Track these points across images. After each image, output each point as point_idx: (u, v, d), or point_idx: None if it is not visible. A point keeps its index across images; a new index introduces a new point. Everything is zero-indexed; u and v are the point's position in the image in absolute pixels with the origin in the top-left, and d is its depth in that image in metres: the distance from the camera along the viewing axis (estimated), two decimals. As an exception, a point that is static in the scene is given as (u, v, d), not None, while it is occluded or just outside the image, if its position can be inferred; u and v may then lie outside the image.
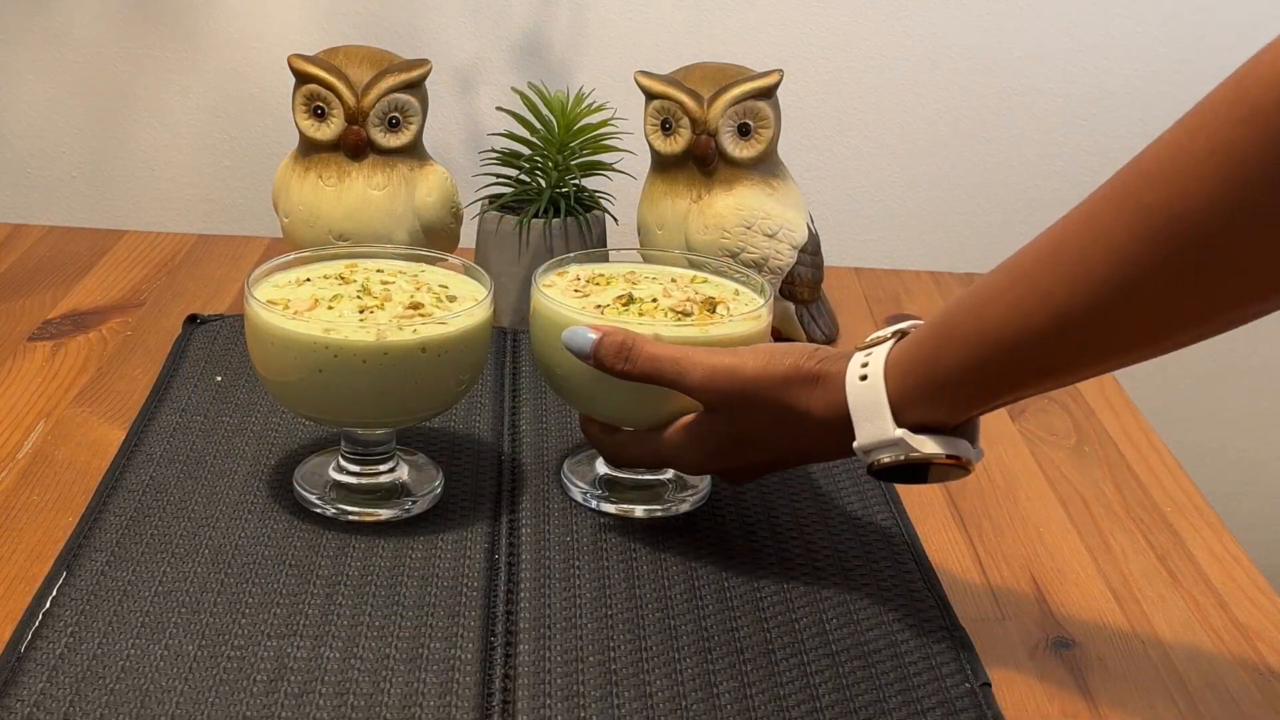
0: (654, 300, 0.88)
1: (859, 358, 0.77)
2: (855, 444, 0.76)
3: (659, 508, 0.89)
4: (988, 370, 0.72)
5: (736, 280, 0.93)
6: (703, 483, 0.92)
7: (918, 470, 0.76)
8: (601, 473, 0.92)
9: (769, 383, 0.78)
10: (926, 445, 0.75)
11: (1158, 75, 1.52)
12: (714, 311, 0.87)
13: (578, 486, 0.91)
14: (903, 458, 0.75)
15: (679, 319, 0.86)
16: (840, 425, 0.77)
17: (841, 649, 0.76)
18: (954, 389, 0.73)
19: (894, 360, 0.75)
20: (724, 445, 0.82)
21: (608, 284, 0.91)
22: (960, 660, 0.76)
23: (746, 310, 0.88)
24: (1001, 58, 1.50)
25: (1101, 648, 0.80)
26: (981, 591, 0.84)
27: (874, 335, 0.78)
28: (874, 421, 0.75)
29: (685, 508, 0.90)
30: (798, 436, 0.79)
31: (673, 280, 0.92)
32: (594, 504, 0.89)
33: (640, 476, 0.91)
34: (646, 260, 0.97)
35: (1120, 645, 0.80)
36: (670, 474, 0.92)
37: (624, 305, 0.87)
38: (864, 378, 0.75)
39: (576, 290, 0.89)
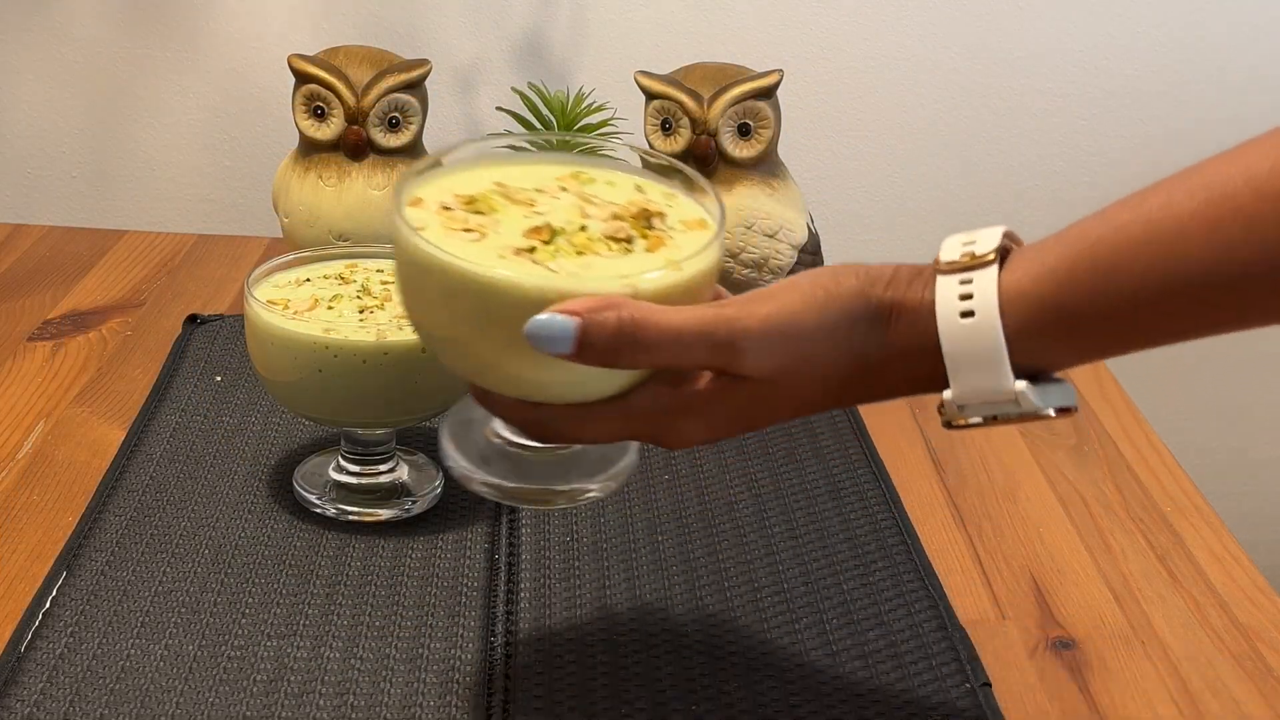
0: (581, 227, 0.63)
1: (952, 285, 0.60)
2: (948, 395, 0.60)
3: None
4: (1158, 311, 0.57)
5: (615, 166, 0.69)
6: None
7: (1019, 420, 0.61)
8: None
9: (835, 331, 0.60)
10: (1047, 398, 0.60)
11: (1158, 75, 1.52)
12: (651, 227, 0.64)
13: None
14: (1014, 415, 0.60)
15: (624, 251, 0.62)
16: (919, 370, 0.61)
17: (841, 649, 0.76)
18: (1099, 332, 0.59)
19: (1013, 292, 0.58)
20: (753, 413, 0.63)
21: (492, 209, 0.63)
22: (960, 660, 0.76)
23: (690, 215, 0.65)
24: (1001, 58, 1.50)
25: (1101, 648, 0.80)
26: (981, 591, 0.84)
27: (956, 248, 0.61)
28: (982, 372, 0.59)
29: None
30: (851, 384, 0.62)
31: (562, 188, 0.66)
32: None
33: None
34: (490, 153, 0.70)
35: (1120, 645, 0.80)
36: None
37: (545, 242, 0.61)
38: (968, 314, 0.58)
39: (458, 226, 0.62)
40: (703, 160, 1.10)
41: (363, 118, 1.10)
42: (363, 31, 1.45)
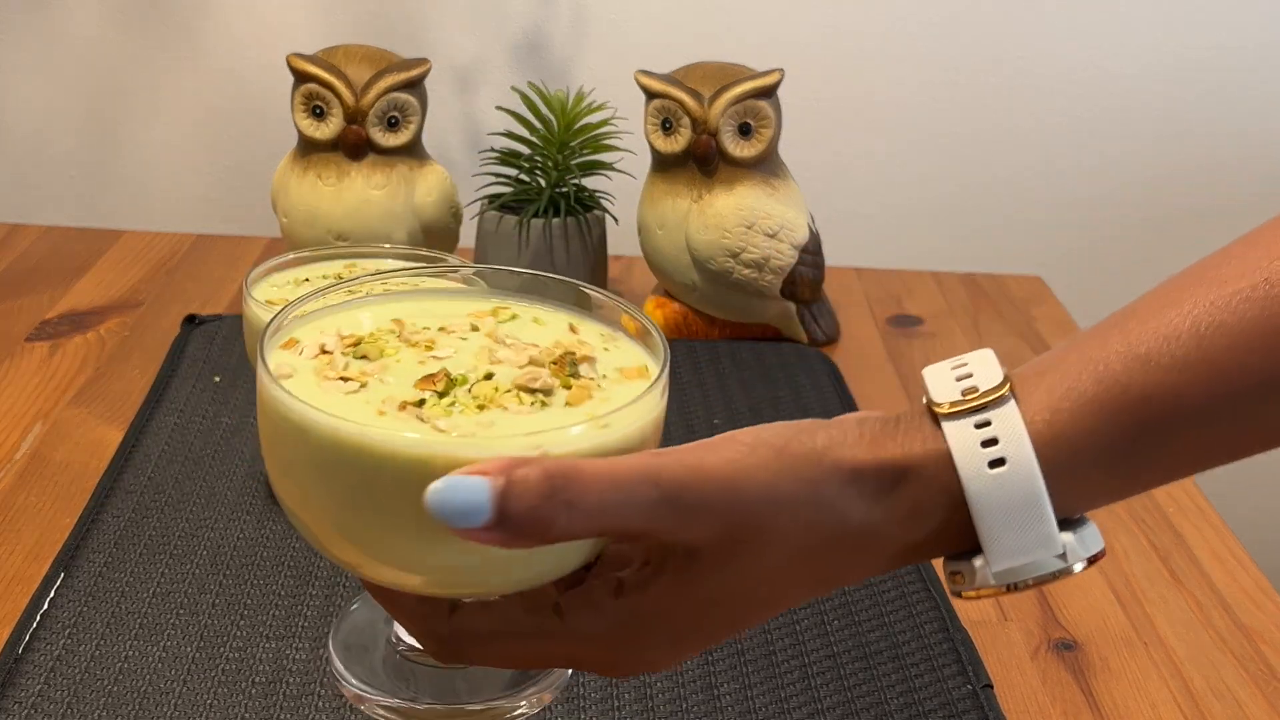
0: (488, 375, 0.52)
1: (967, 431, 0.49)
2: (980, 562, 0.50)
3: None
4: (1222, 434, 0.49)
5: (549, 301, 0.59)
6: None
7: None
8: None
9: (792, 500, 0.48)
10: (1086, 545, 0.50)
11: (1158, 75, 1.52)
12: (576, 374, 0.53)
13: None
14: (1050, 574, 0.50)
15: (539, 405, 0.51)
16: (931, 534, 0.50)
17: (843, 650, 0.76)
18: (1137, 467, 0.50)
19: (1045, 432, 0.49)
20: (718, 606, 0.50)
21: (381, 352, 0.53)
22: (962, 662, 0.75)
23: (630, 362, 0.54)
24: (1001, 58, 1.50)
25: (1104, 649, 0.79)
26: (983, 593, 0.84)
27: (950, 383, 0.51)
28: (1022, 529, 0.49)
29: None
30: (834, 569, 0.50)
31: (473, 326, 0.56)
32: None
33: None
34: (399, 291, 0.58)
35: (1122, 647, 0.80)
36: None
37: (439, 394, 0.50)
38: (997, 462, 0.48)
39: (334, 374, 0.51)
40: (703, 160, 1.10)
41: (362, 117, 1.10)
42: (362, 30, 1.45)
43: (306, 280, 0.87)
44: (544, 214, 1.13)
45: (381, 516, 0.47)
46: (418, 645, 0.54)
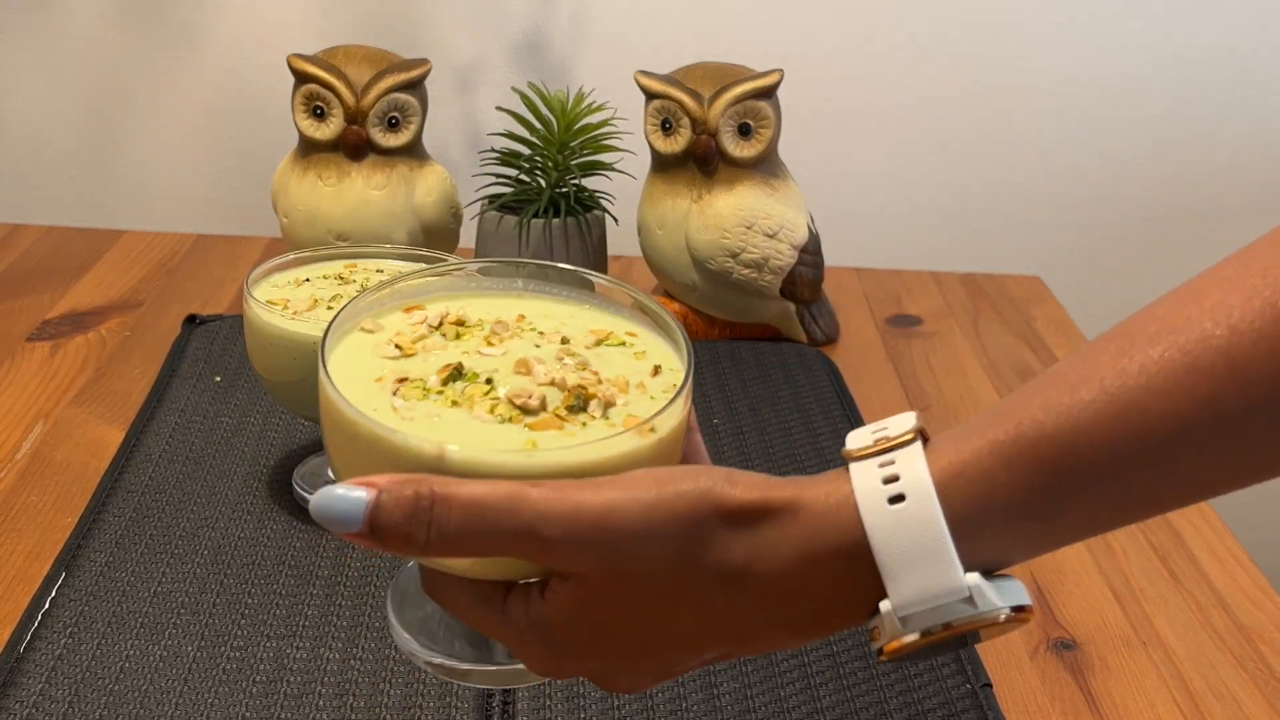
0: (488, 380, 0.53)
1: (870, 470, 0.49)
2: (886, 606, 0.48)
3: None
4: (1120, 487, 0.48)
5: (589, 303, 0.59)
6: None
7: (964, 636, 0.49)
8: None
9: (666, 530, 0.48)
10: (1004, 595, 0.49)
11: (1158, 75, 1.52)
12: (571, 409, 0.53)
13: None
14: (966, 620, 0.48)
15: (516, 421, 0.52)
16: (835, 582, 0.49)
17: (842, 649, 0.76)
18: (1051, 515, 0.49)
19: (947, 471, 0.48)
20: (604, 636, 0.51)
21: (458, 335, 0.56)
22: (961, 661, 0.76)
23: (635, 412, 0.54)
24: (1001, 58, 1.50)
25: (1103, 649, 0.79)
26: (982, 592, 0.84)
27: (866, 436, 0.51)
28: (924, 567, 0.48)
29: None
30: (728, 614, 0.50)
31: (563, 340, 0.57)
32: None
33: None
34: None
35: (1122, 646, 0.80)
36: None
37: (446, 381, 0.53)
38: (897, 498, 0.48)
39: (406, 341, 0.55)
40: (703, 160, 1.10)
41: (362, 117, 1.10)
42: (362, 31, 1.45)
43: (307, 280, 0.87)
44: (544, 214, 1.13)
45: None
46: None
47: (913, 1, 1.48)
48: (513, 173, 1.17)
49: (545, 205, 1.14)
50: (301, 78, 1.11)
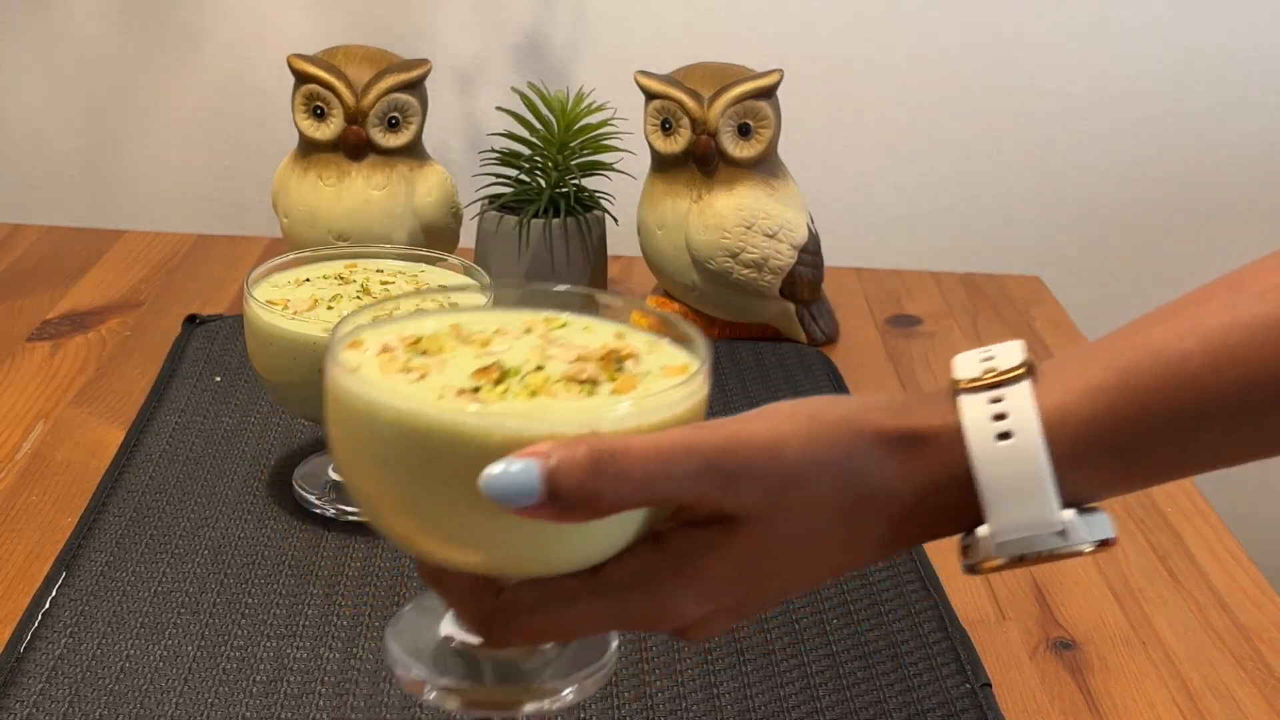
0: (539, 368, 0.54)
1: (980, 404, 0.51)
2: (984, 531, 0.51)
3: None
4: (1230, 431, 0.51)
5: (591, 313, 0.60)
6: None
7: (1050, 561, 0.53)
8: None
9: (827, 464, 0.51)
10: (1094, 529, 0.52)
11: (1158, 75, 1.52)
12: (621, 369, 0.55)
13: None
14: (1055, 550, 0.52)
15: (587, 393, 0.53)
16: (945, 506, 0.52)
17: (842, 649, 0.76)
18: (1147, 459, 0.51)
19: (1055, 410, 0.51)
20: (754, 573, 0.52)
21: (440, 349, 0.56)
22: (961, 661, 0.76)
23: (668, 362, 0.56)
24: (1001, 58, 1.50)
25: (1102, 649, 0.79)
26: (982, 592, 0.84)
27: (974, 364, 0.53)
28: (1024, 501, 0.51)
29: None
30: (863, 529, 0.52)
31: (526, 329, 0.58)
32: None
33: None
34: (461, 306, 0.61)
35: (1121, 646, 0.80)
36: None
37: (495, 383, 0.53)
38: (1005, 435, 0.50)
39: (396, 367, 0.54)
40: (703, 160, 1.10)
41: (362, 117, 1.10)
42: (363, 31, 1.45)
43: (307, 280, 0.87)
44: (544, 214, 1.13)
45: (445, 494, 0.50)
46: (470, 639, 0.56)
47: (913, 2, 1.48)
48: (513, 173, 1.17)
49: (545, 205, 1.14)
50: (301, 78, 1.11)
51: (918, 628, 0.78)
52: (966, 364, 0.53)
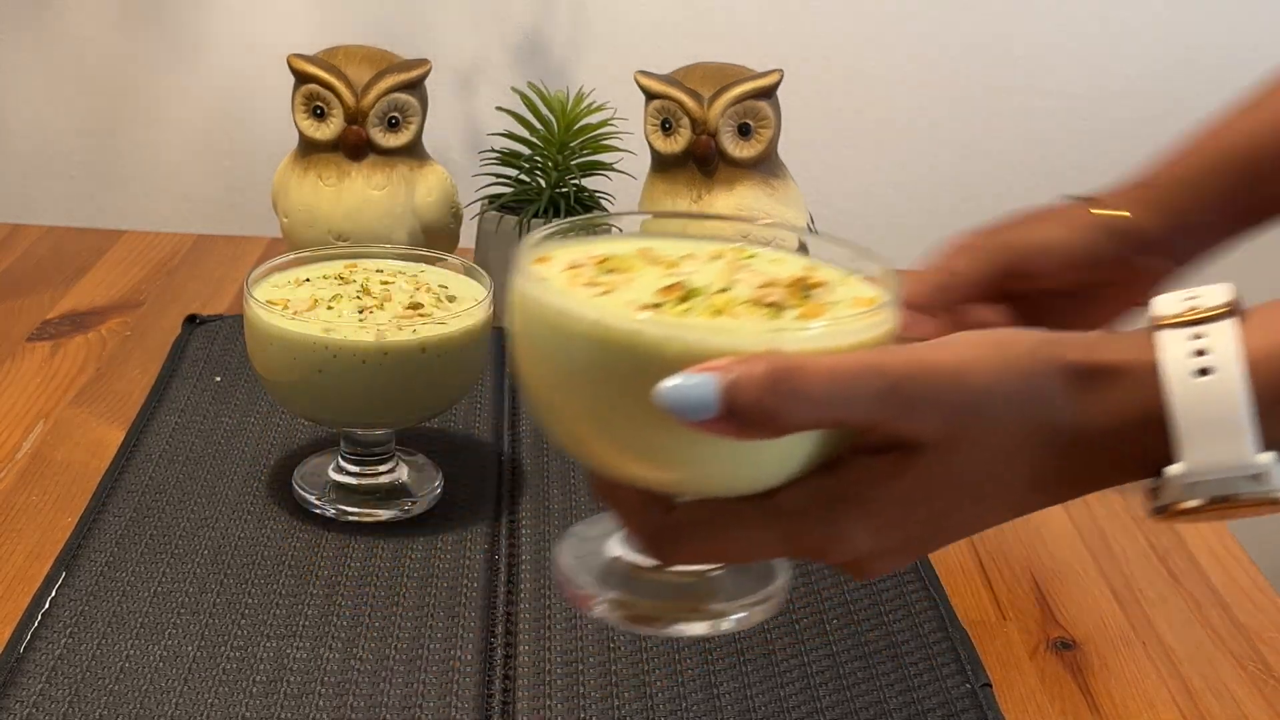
0: (724, 289, 0.54)
1: (1179, 340, 0.50)
2: (1175, 470, 0.50)
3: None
4: None
5: (783, 249, 0.60)
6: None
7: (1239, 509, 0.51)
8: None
9: (1014, 395, 0.49)
10: None
11: (1157, 75, 1.52)
12: (808, 296, 0.54)
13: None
14: (1249, 496, 0.50)
15: (772, 316, 0.53)
16: (1134, 446, 0.50)
17: (842, 649, 0.76)
18: None
19: (1260, 349, 0.49)
20: (930, 504, 0.51)
21: (627, 268, 0.57)
22: (961, 661, 0.76)
23: (858, 294, 0.56)
24: (1001, 58, 1.50)
25: (1102, 648, 0.80)
26: (982, 592, 0.84)
27: (1177, 303, 0.51)
28: (1221, 440, 0.49)
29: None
30: (1045, 466, 0.51)
31: (715, 256, 0.58)
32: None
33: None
34: (651, 231, 0.62)
35: (1121, 646, 0.80)
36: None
37: (680, 301, 0.54)
38: (1204, 371, 0.49)
39: (583, 281, 0.56)
40: (703, 160, 1.10)
41: (362, 117, 1.10)
42: (363, 31, 1.45)
43: (307, 280, 0.87)
44: (544, 214, 1.13)
45: (623, 405, 0.50)
46: (639, 558, 0.56)
47: (913, 2, 1.48)
48: (513, 173, 1.17)
49: (545, 205, 1.14)
50: (301, 78, 1.11)
51: (918, 628, 0.78)
52: (1168, 303, 0.51)
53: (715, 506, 0.51)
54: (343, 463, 0.88)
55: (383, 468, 0.88)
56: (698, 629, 0.57)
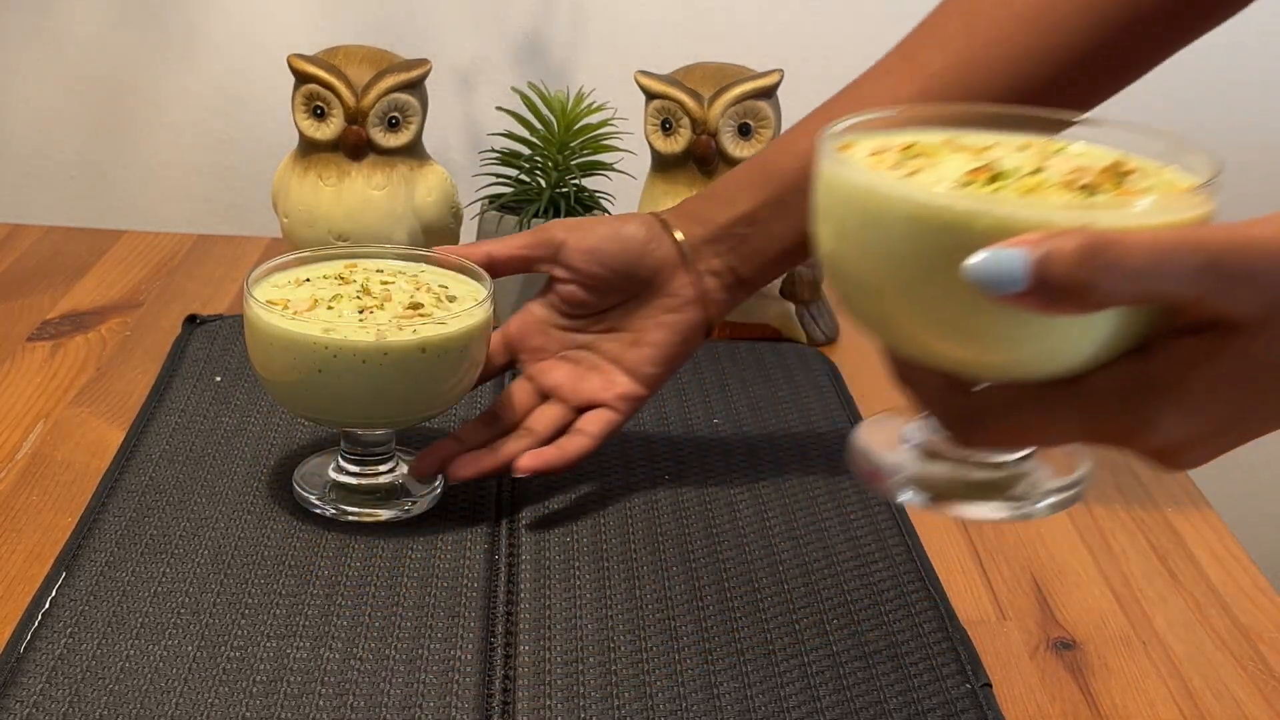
0: (1034, 172, 0.54)
1: None
2: None
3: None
4: None
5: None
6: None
7: None
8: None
9: None
10: None
11: (1157, 75, 1.52)
12: (1122, 183, 0.53)
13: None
14: None
15: (1086, 198, 0.52)
16: None
17: (842, 650, 0.76)
18: None
19: None
20: (1245, 389, 0.49)
21: (933, 154, 0.56)
22: (961, 661, 0.76)
23: (1175, 181, 0.55)
24: (1002, 58, 1.50)
25: (1102, 649, 0.80)
26: (982, 592, 0.84)
27: None
28: None
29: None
30: None
31: (1024, 146, 0.58)
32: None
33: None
34: (956, 123, 0.60)
35: (1121, 646, 0.80)
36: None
37: (989, 182, 0.53)
38: None
39: (887, 165, 0.56)
40: (703, 160, 1.10)
41: (362, 117, 1.10)
42: (363, 31, 1.46)
43: (307, 280, 0.87)
44: (544, 214, 1.13)
45: (931, 281, 0.50)
46: (940, 449, 0.56)
47: (913, 2, 1.48)
48: (513, 173, 1.17)
49: (545, 205, 1.14)
50: (301, 78, 1.11)
51: (918, 628, 0.78)
52: None
53: (1019, 389, 0.51)
54: (343, 463, 0.88)
55: (383, 468, 0.88)
56: (997, 512, 0.56)
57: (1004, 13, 0.80)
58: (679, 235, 0.85)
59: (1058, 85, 0.79)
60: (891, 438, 0.58)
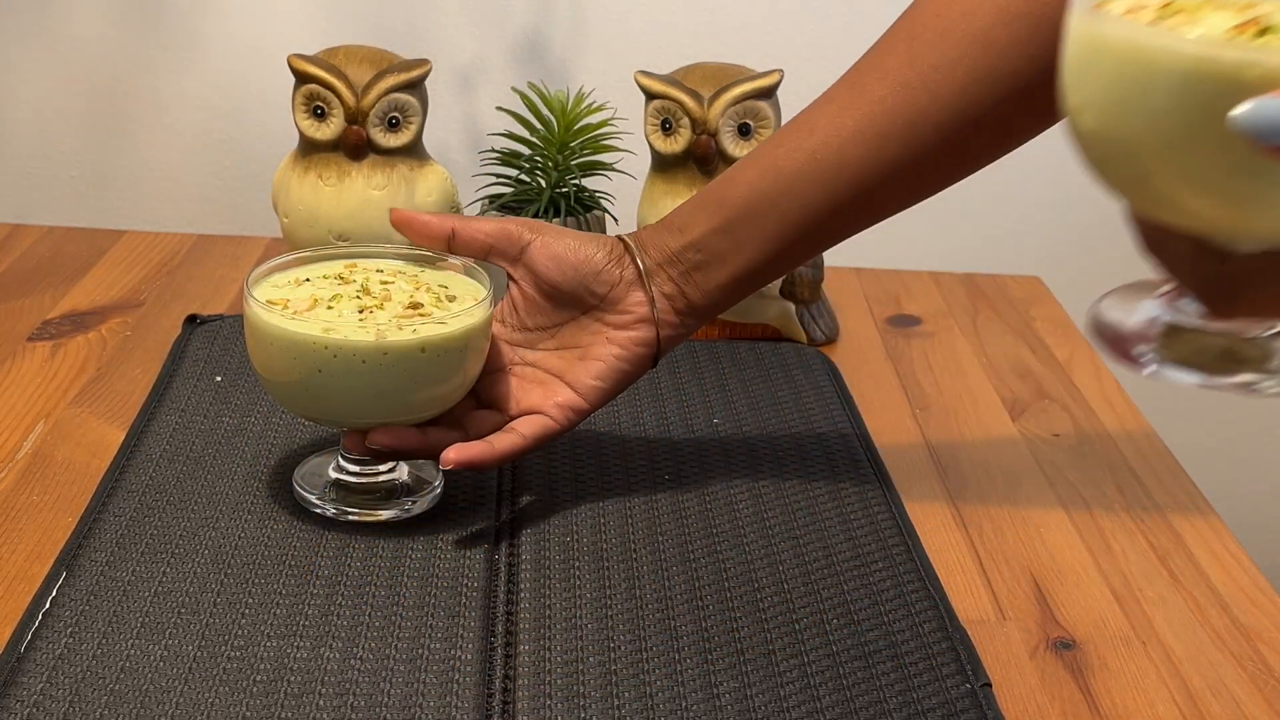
0: None
1: None
2: None
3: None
4: None
5: None
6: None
7: None
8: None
9: None
10: None
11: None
12: None
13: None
14: None
15: None
16: None
17: (842, 649, 0.76)
18: None
19: None
20: None
21: (1194, 10, 0.54)
22: (960, 661, 0.76)
23: None
24: (1002, 58, 1.50)
25: (1102, 648, 0.80)
26: (982, 592, 0.84)
27: None
28: None
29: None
30: None
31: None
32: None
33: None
34: None
35: (1121, 646, 0.80)
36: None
37: (1257, 35, 0.50)
38: None
39: (1146, 19, 0.54)
40: (703, 160, 1.10)
41: (362, 118, 1.10)
42: (363, 31, 1.46)
43: (307, 280, 0.87)
44: (544, 214, 1.13)
45: (1198, 136, 0.48)
46: (1184, 319, 0.55)
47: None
48: (513, 173, 1.17)
49: (545, 205, 1.14)
50: (301, 78, 1.11)
51: (918, 628, 0.78)
52: None
53: (1277, 257, 0.49)
54: (343, 463, 0.88)
55: (383, 468, 0.88)
56: (1252, 380, 0.54)
57: (946, 41, 0.84)
58: (639, 257, 0.86)
59: (1002, 112, 0.81)
60: (1135, 310, 0.57)
